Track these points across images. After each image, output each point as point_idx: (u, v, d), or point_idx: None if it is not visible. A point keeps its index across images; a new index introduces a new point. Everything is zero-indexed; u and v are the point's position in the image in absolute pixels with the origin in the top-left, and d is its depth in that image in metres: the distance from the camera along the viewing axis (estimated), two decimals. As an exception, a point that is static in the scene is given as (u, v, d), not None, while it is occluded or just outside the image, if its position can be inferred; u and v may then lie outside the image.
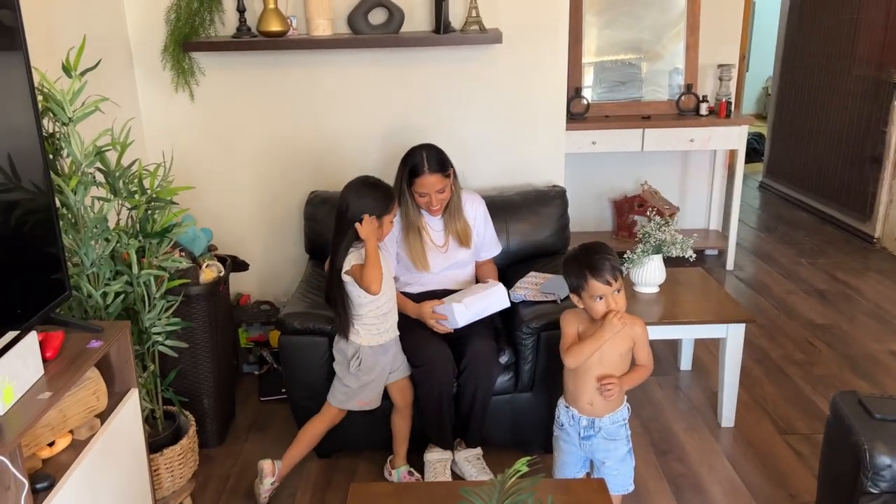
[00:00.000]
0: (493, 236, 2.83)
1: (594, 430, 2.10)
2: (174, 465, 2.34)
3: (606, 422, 2.10)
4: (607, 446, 2.11)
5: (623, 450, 2.13)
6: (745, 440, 2.79)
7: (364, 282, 2.26)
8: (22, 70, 1.75)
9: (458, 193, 2.68)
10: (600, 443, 2.11)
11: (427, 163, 2.53)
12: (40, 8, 2.38)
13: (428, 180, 2.53)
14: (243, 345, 3.24)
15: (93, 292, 2.08)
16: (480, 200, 2.80)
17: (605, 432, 2.10)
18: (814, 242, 4.99)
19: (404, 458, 2.56)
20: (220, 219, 3.29)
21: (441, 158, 2.57)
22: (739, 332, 2.74)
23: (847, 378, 3.23)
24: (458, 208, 2.68)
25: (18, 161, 1.73)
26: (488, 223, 2.80)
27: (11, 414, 1.53)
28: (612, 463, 2.13)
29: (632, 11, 4.39)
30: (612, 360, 2.07)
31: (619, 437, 2.12)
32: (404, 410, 2.52)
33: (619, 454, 2.13)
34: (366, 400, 2.43)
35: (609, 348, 2.04)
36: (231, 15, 3.05)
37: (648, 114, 4.34)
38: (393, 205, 2.37)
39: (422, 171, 2.53)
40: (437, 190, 2.55)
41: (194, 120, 3.19)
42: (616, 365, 2.08)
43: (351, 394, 2.42)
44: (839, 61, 5.23)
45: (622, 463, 2.14)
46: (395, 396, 2.50)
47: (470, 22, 2.99)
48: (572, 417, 2.13)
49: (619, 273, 2.04)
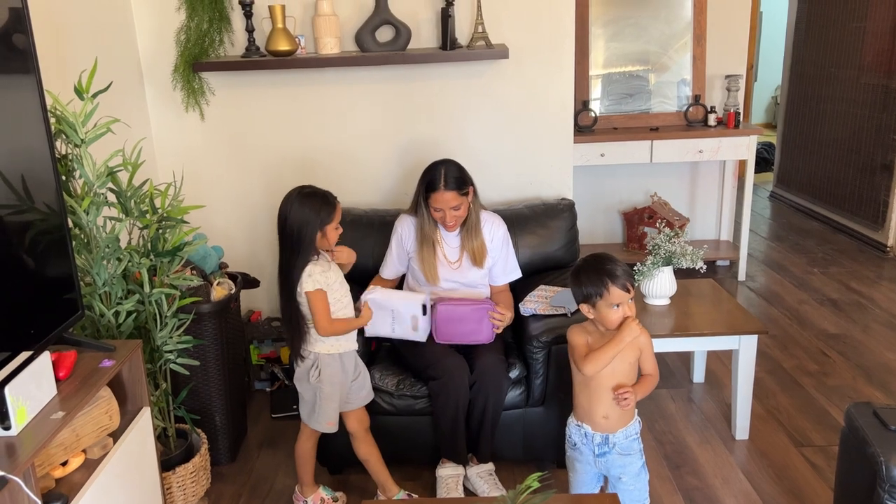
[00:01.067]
0: (514, 262, 2.78)
1: (609, 447, 2.09)
2: (186, 483, 2.34)
3: (620, 437, 2.08)
4: (622, 461, 2.10)
5: (637, 464, 2.12)
6: (760, 452, 2.77)
7: (322, 321, 2.23)
8: (35, 93, 1.78)
9: (478, 212, 2.66)
10: (615, 458, 2.09)
11: (444, 179, 2.52)
12: (53, 32, 2.42)
13: (443, 197, 2.53)
14: (255, 362, 3.25)
15: (105, 311, 2.10)
16: (502, 223, 2.75)
17: (619, 448, 2.09)
18: (826, 252, 4.96)
19: (395, 484, 2.47)
20: (230, 236, 3.32)
21: (459, 176, 2.55)
22: (752, 343, 2.73)
23: (861, 388, 3.20)
24: (475, 227, 2.65)
25: (32, 182, 1.75)
26: (508, 247, 2.75)
27: (25, 434, 1.54)
28: (628, 478, 2.11)
29: (638, 23, 4.41)
30: (623, 370, 2.07)
31: (633, 452, 2.11)
32: (365, 436, 2.44)
33: (634, 469, 2.12)
34: (331, 419, 2.33)
35: (620, 358, 2.03)
36: (240, 35, 3.08)
37: (657, 125, 4.34)
38: (334, 213, 2.25)
39: (438, 186, 2.53)
40: (451, 207, 2.54)
41: (205, 139, 3.22)
42: (626, 375, 2.08)
43: (314, 408, 2.33)
44: (847, 70, 5.22)
45: (637, 478, 2.13)
46: (353, 425, 2.42)
47: (476, 38, 3.01)
48: (585, 435, 2.11)
49: (631, 279, 2.05)
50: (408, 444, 2.60)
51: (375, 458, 2.45)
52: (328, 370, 2.30)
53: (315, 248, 2.24)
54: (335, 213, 2.25)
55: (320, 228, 2.22)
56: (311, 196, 2.24)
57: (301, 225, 2.20)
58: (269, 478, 2.70)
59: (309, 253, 2.23)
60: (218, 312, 2.60)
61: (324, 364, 2.30)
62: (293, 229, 2.21)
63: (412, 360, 2.57)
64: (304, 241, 2.21)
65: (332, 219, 2.24)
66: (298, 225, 2.20)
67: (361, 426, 2.44)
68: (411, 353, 2.58)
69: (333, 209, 2.25)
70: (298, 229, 2.20)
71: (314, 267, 2.24)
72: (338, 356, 2.33)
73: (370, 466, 2.46)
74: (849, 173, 5.25)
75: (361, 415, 2.44)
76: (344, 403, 2.39)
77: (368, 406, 2.48)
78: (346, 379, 2.37)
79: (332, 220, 2.24)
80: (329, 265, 2.29)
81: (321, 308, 2.24)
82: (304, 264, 2.23)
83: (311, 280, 2.23)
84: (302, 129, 3.22)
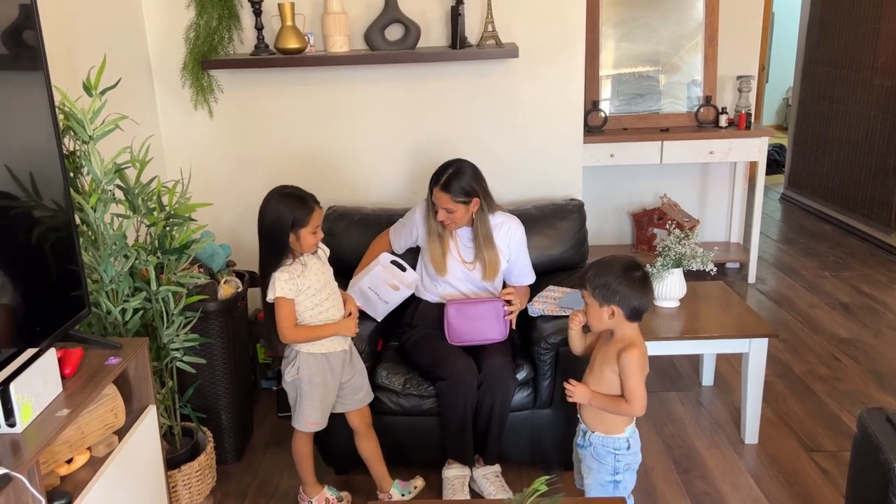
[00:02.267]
0: (527, 265, 2.74)
1: (587, 442, 2.07)
2: (192, 482, 2.34)
3: (596, 440, 2.04)
4: (591, 464, 2.06)
5: (605, 477, 2.03)
6: (770, 457, 2.74)
7: (283, 329, 2.19)
8: (43, 89, 1.78)
9: (487, 225, 2.61)
10: (587, 456, 2.07)
11: (443, 179, 2.50)
12: (61, 28, 2.42)
13: (438, 195, 2.53)
14: (261, 360, 3.24)
15: (112, 309, 2.10)
16: (520, 225, 2.69)
17: (593, 449, 2.05)
18: (837, 255, 4.92)
19: (390, 479, 2.47)
20: (238, 234, 3.31)
21: (462, 184, 2.49)
22: (762, 346, 2.70)
23: (873, 393, 3.17)
24: (488, 239, 2.60)
25: (39, 179, 1.75)
26: (523, 250, 2.71)
27: (30, 431, 1.54)
28: (592, 483, 2.06)
29: (649, 24, 4.38)
30: (602, 373, 2.01)
31: (604, 462, 2.03)
32: (367, 432, 2.43)
33: (600, 478, 2.04)
34: (311, 419, 2.30)
35: (600, 359, 2.02)
36: (249, 33, 3.08)
37: (667, 126, 4.31)
38: (309, 216, 2.16)
39: (436, 183, 2.53)
40: (444, 207, 2.53)
41: (213, 137, 3.21)
42: (602, 380, 2.01)
43: (295, 406, 2.32)
44: (860, 71, 5.18)
45: (601, 489, 2.04)
46: (355, 421, 2.41)
47: (486, 37, 3.00)
48: (579, 419, 2.12)
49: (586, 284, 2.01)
50: (414, 445, 2.58)
51: (378, 456, 2.45)
52: (308, 369, 2.26)
53: (290, 250, 2.19)
54: (311, 216, 2.16)
55: (293, 230, 2.15)
56: (288, 196, 2.18)
57: (274, 224, 2.15)
58: (274, 477, 2.70)
59: (281, 255, 2.18)
60: (225, 311, 2.60)
61: (303, 362, 2.26)
62: (266, 228, 2.18)
63: (419, 360, 2.55)
64: (276, 242, 2.17)
65: (306, 222, 2.15)
66: (271, 224, 2.16)
67: (363, 422, 2.43)
68: (419, 353, 2.57)
69: (310, 212, 2.16)
70: (271, 228, 2.17)
71: (281, 273, 2.18)
72: (322, 356, 2.28)
73: (370, 464, 2.46)
74: (861, 176, 5.20)
75: (363, 411, 2.43)
76: (339, 404, 2.38)
77: (374, 405, 2.48)
78: (334, 380, 2.32)
79: (307, 224, 2.16)
80: (303, 269, 2.20)
81: (282, 316, 2.20)
82: (276, 266, 2.18)
83: (273, 287, 2.18)
84: (311, 128, 3.21)
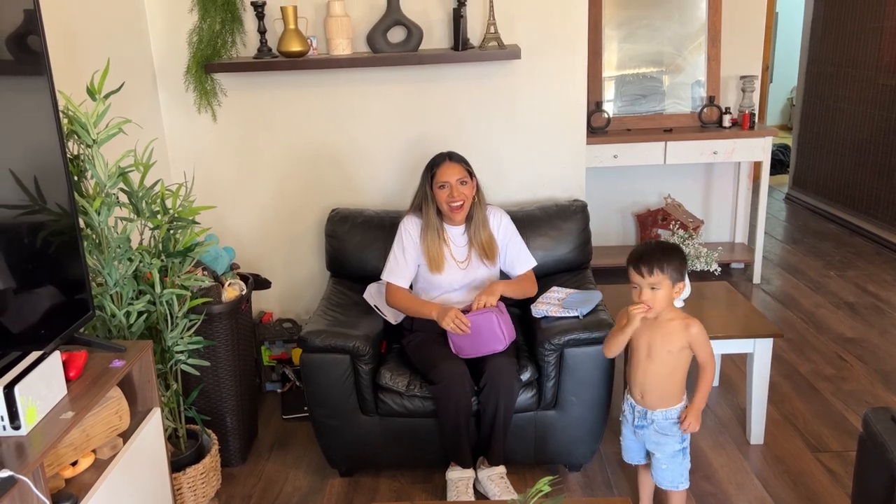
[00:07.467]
0: (523, 249, 2.77)
1: (647, 422, 2.13)
2: (197, 484, 2.34)
3: (659, 416, 2.11)
4: (658, 439, 2.13)
5: (675, 446, 2.13)
6: (775, 458, 2.73)
7: None
8: (46, 94, 1.78)
9: (483, 205, 2.69)
10: (651, 434, 2.13)
11: (448, 156, 2.63)
12: (65, 33, 2.43)
13: (449, 168, 2.58)
14: (266, 363, 3.25)
15: (116, 312, 2.10)
16: (504, 213, 2.78)
17: (657, 426, 2.12)
18: (842, 254, 4.90)
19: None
20: (242, 237, 3.32)
21: (463, 158, 2.65)
22: (767, 346, 2.69)
23: (879, 393, 3.15)
24: (483, 220, 2.68)
25: (44, 183, 1.75)
26: (515, 234, 2.76)
27: (34, 434, 1.54)
28: (663, 457, 2.14)
29: (652, 24, 4.38)
30: (661, 356, 2.09)
31: (670, 433, 2.12)
32: None
33: (669, 450, 2.13)
34: None
35: (660, 344, 2.07)
36: (252, 36, 3.09)
37: (670, 126, 4.31)
38: None
39: (443, 161, 2.60)
40: (457, 179, 2.57)
41: (217, 140, 3.22)
42: (664, 361, 2.09)
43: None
44: (864, 70, 5.16)
45: (672, 459, 2.13)
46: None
47: (488, 38, 3.00)
48: (630, 406, 2.17)
49: (657, 270, 2.01)
50: (419, 447, 2.58)
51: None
52: None
53: None
54: None
55: None
56: None
57: None
58: (279, 479, 2.70)
59: None
60: (229, 313, 2.60)
61: None
62: None
63: (416, 364, 2.56)
64: None
65: None
66: None
67: None
68: (414, 357, 2.58)
69: None
70: None
71: None
72: None
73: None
74: (866, 175, 5.19)
75: None
76: None
77: (378, 406, 2.49)
78: None
79: None
80: None
81: None
82: None
83: None
84: (314, 130, 3.22)
